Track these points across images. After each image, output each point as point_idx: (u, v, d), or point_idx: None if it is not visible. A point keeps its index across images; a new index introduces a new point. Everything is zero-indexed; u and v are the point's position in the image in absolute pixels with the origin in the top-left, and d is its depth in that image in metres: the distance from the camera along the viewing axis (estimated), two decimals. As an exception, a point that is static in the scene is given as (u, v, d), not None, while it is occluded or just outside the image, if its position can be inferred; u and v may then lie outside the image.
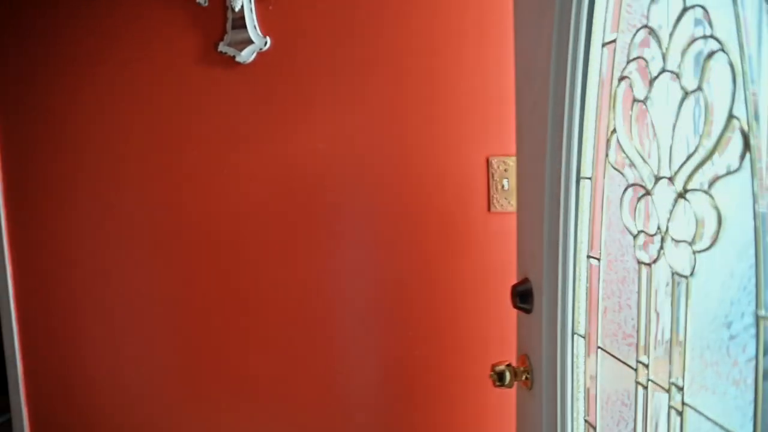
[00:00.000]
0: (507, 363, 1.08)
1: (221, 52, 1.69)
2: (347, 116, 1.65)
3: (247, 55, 1.66)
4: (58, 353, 1.94)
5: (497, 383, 1.06)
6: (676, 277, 0.66)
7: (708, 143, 0.60)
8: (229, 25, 1.66)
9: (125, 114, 1.81)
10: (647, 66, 0.68)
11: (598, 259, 0.82)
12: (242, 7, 1.63)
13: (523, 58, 0.99)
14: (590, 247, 0.86)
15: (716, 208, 0.59)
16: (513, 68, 1.03)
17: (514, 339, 1.12)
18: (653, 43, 0.67)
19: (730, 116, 0.57)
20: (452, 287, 1.65)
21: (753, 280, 0.56)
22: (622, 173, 0.75)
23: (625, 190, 0.74)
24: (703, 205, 0.61)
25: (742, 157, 0.55)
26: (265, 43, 1.66)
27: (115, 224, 1.85)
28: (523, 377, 1.05)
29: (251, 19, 1.64)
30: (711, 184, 0.59)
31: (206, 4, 1.69)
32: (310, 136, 1.67)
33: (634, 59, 0.71)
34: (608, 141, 0.78)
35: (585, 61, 0.81)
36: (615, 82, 0.75)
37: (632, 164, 0.73)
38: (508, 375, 1.06)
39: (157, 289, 1.84)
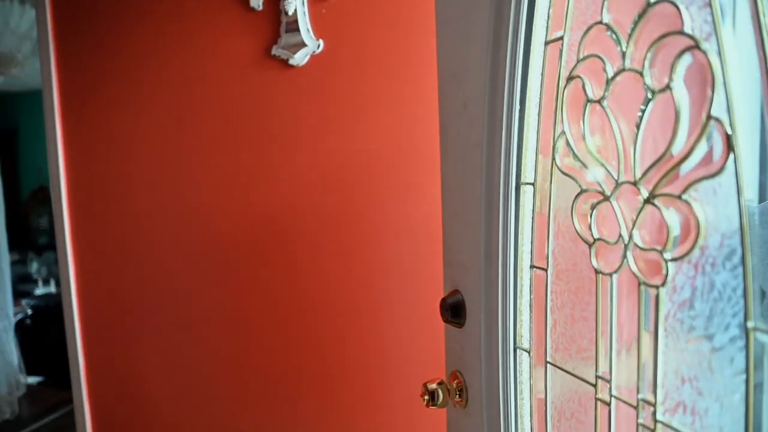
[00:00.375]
0: (439, 381, 1.02)
1: (275, 55, 1.70)
2: (399, 117, 1.61)
3: (300, 58, 1.66)
4: (116, 349, 2.06)
5: (430, 403, 1.00)
6: (644, 288, 0.62)
7: (680, 146, 0.56)
8: (283, 28, 1.68)
9: (185, 118, 1.87)
10: (604, 65, 0.64)
11: (545, 269, 0.78)
12: (296, 11, 1.64)
13: (448, 56, 0.93)
14: (533, 256, 0.81)
15: (693, 214, 0.55)
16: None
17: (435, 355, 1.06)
18: (610, 40, 0.64)
19: (708, 117, 0.53)
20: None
21: (739, 290, 0.53)
22: (573, 178, 0.71)
23: (578, 196, 0.70)
24: (677, 210, 0.57)
25: (725, 159, 0.52)
26: (318, 45, 1.65)
27: (173, 224, 1.92)
28: (457, 396, 0.99)
29: (304, 23, 1.65)
30: (686, 189, 0.56)
31: (261, 9, 1.72)
32: (361, 136, 1.64)
33: (586, 57, 0.67)
34: (555, 144, 0.73)
35: (525, 60, 0.77)
36: (562, 81, 0.71)
37: (585, 168, 0.69)
38: (441, 394, 1.00)
39: (214, 288, 1.88)
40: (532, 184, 0.79)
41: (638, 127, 0.61)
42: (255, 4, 1.73)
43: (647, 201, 0.60)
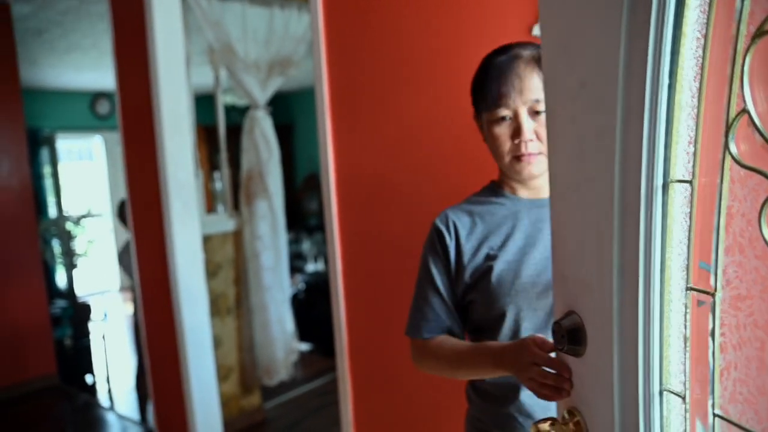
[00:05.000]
0: (551, 421, 0.84)
1: (535, 35, 1.60)
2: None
3: None
4: (375, 325, 2.20)
5: (543, 448, 0.82)
6: None
7: None
8: None
9: (449, 111, 1.87)
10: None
11: (711, 293, 0.59)
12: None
13: (555, 21, 0.75)
14: (690, 275, 0.62)
15: None
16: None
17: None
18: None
19: None
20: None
21: None
22: (761, 173, 0.52)
23: (769, 197, 0.51)
24: None
25: None
26: None
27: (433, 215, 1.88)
28: (576, 439, 0.81)
29: None
30: None
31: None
32: None
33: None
34: (729, 128, 0.54)
35: (678, 13, 0.58)
36: (742, 39, 0.52)
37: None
38: (555, 437, 0.82)
39: None
40: (688, 181, 0.60)
41: None
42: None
43: None
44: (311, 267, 6.20)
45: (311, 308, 4.75)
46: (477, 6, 1.80)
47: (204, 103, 4.49)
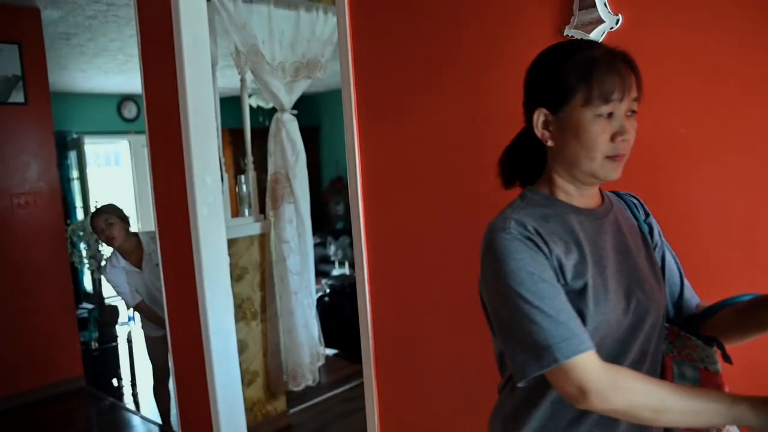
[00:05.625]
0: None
1: (567, 36, 1.59)
2: (707, 99, 1.42)
3: (595, 36, 1.55)
4: (401, 332, 2.18)
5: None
6: None
7: None
8: (576, 6, 1.58)
9: (476, 114, 1.86)
10: None
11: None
12: (591, -16, 1.51)
13: None
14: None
15: None
16: None
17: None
18: None
19: None
20: None
21: None
22: None
23: None
24: None
25: None
26: (617, 21, 1.52)
27: (460, 220, 1.95)
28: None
29: None
30: None
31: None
32: (666, 118, 1.48)
33: None
34: None
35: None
36: None
37: None
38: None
39: None
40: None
41: None
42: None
43: None
44: (336, 271, 6.17)
45: (336, 313, 4.72)
46: (505, 7, 1.76)
47: (227, 105, 4.51)
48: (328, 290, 4.93)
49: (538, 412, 1.07)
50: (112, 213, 3.49)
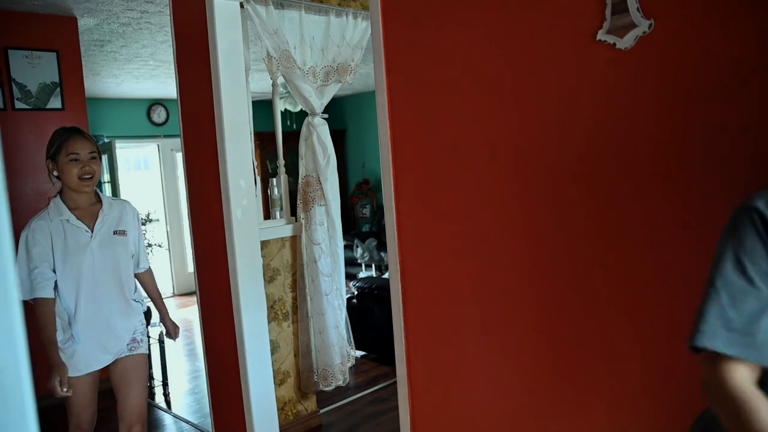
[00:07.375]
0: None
1: (601, 41, 1.61)
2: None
3: (628, 41, 1.56)
4: (434, 335, 2.21)
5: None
6: None
7: None
8: (608, 11, 1.59)
9: (505, 124, 1.89)
10: None
11: None
12: (625, -10, 1.53)
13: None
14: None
15: None
16: None
17: None
18: None
19: None
20: None
21: None
22: None
23: None
24: None
25: None
26: (650, 25, 1.52)
27: (490, 227, 1.98)
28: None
29: (633, 2, 1.54)
30: None
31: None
32: (697, 127, 1.50)
33: None
34: None
35: None
36: None
37: None
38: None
39: (533, 289, 1.89)
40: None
41: None
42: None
43: None
44: (363, 273, 6.19)
45: (364, 315, 4.75)
46: (539, 11, 1.76)
47: (255, 109, 4.57)
48: (355, 292, 4.96)
49: None
50: (94, 143, 2.47)
